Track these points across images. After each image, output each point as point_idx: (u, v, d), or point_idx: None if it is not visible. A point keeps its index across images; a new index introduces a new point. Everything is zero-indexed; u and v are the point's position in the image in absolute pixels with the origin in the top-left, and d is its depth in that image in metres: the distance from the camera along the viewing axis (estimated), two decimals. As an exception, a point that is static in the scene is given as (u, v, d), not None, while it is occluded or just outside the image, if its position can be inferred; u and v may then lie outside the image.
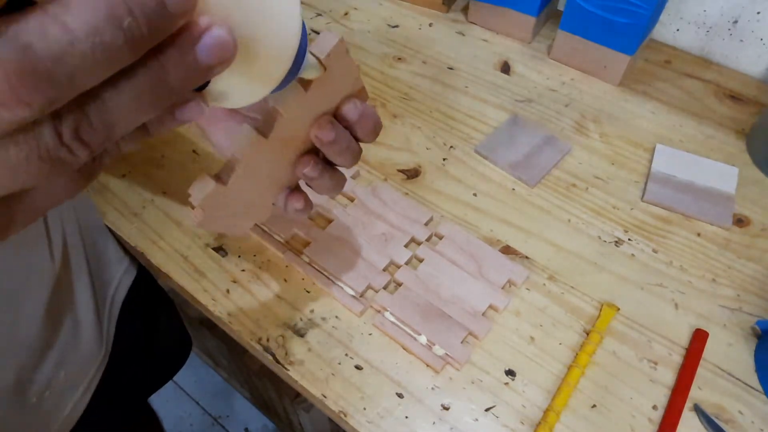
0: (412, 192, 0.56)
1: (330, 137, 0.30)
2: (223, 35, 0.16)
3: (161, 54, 0.16)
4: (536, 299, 0.48)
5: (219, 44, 0.16)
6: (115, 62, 0.15)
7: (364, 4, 0.77)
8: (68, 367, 0.46)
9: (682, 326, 0.47)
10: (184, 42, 0.16)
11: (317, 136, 0.30)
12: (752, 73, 0.68)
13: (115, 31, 0.14)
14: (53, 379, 0.44)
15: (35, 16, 0.13)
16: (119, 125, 0.16)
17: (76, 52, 0.13)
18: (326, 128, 0.29)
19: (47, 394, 0.43)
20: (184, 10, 0.15)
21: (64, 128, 0.15)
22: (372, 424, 0.41)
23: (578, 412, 0.42)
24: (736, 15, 0.65)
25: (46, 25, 0.13)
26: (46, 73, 0.13)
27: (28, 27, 0.13)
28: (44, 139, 0.15)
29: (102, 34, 0.14)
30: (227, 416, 1.27)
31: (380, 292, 0.47)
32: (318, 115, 0.30)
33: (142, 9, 0.14)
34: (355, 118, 0.30)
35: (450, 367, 0.44)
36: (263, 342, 0.45)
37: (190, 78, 0.17)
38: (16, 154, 0.15)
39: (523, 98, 0.65)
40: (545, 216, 0.54)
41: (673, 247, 0.52)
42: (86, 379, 0.48)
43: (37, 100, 0.14)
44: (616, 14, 0.61)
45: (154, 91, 0.16)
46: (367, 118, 0.31)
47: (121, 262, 0.56)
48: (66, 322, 0.45)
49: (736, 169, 0.57)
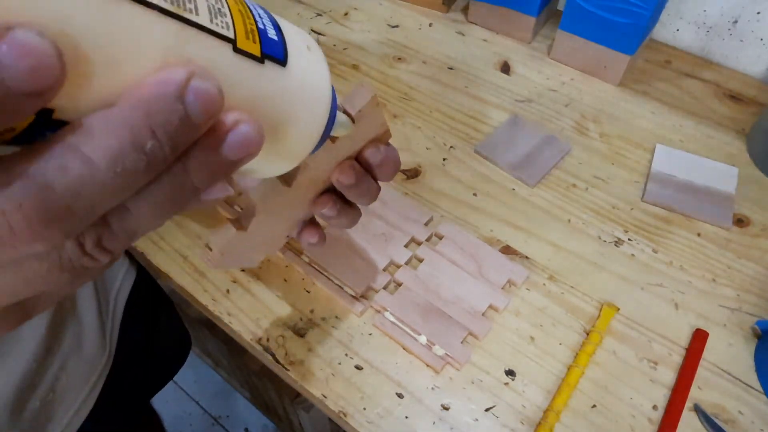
0: (412, 192, 0.56)
1: (351, 181, 0.29)
2: (250, 132, 0.15)
3: (185, 158, 0.15)
4: (536, 299, 0.48)
5: (246, 141, 0.15)
6: (135, 185, 0.14)
7: (364, 4, 0.77)
8: (71, 371, 0.46)
9: (682, 326, 0.47)
10: (209, 144, 0.15)
11: (339, 180, 0.29)
12: (752, 73, 0.68)
13: (137, 156, 0.13)
14: (56, 383, 0.44)
15: (56, 149, 0.13)
16: (141, 230, 0.16)
17: (96, 183, 0.13)
18: (348, 173, 0.29)
19: (50, 398, 0.44)
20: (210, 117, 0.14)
21: (87, 240, 0.15)
22: (372, 424, 0.41)
23: (578, 412, 0.42)
24: (736, 15, 0.65)
25: (67, 160, 0.13)
26: (65, 209, 0.13)
27: (47, 165, 0.12)
28: (66, 252, 0.15)
29: (124, 161, 0.13)
30: (227, 416, 1.27)
31: (380, 292, 0.47)
32: (341, 160, 0.29)
33: (165, 129, 0.13)
34: (377, 163, 0.30)
35: (450, 367, 0.44)
36: (263, 342, 0.45)
37: (214, 176, 0.16)
38: (37, 268, 0.15)
39: (523, 98, 0.65)
40: (545, 216, 0.54)
41: (673, 247, 0.52)
42: (90, 383, 0.48)
43: (56, 235, 0.13)
44: (616, 14, 0.61)
45: (177, 194, 0.16)
46: (388, 161, 0.30)
47: (121, 264, 0.56)
48: (70, 327, 0.46)
49: (736, 169, 0.57)
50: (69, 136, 0.13)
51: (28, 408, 0.42)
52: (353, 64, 0.68)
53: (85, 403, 0.48)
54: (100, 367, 0.50)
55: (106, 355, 0.51)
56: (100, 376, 0.50)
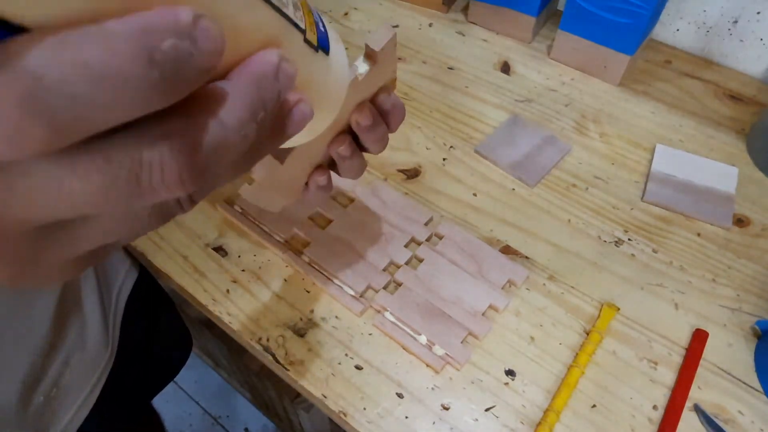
0: (412, 192, 0.56)
1: (369, 122, 0.32)
2: (306, 110, 0.19)
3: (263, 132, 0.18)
4: (536, 299, 0.48)
5: (303, 118, 0.19)
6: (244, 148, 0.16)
7: (364, 4, 0.77)
8: (75, 367, 0.46)
9: (682, 326, 0.47)
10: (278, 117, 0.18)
11: (358, 122, 0.32)
12: (752, 73, 0.68)
13: (253, 125, 0.16)
14: (60, 379, 0.44)
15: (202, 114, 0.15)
16: (219, 185, 0.19)
17: (229, 145, 0.15)
18: (366, 114, 0.32)
19: (54, 393, 0.44)
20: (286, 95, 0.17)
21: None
22: (372, 424, 0.41)
23: (578, 412, 0.42)
24: (736, 15, 0.65)
25: (211, 124, 0.15)
26: (205, 165, 0.15)
27: (197, 126, 0.15)
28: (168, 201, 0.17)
29: (247, 128, 0.16)
30: (227, 416, 1.27)
31: (380, 292, 0.47)
32: (360, 101, 0.32)
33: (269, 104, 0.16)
34: (388, 108, 0.33)
35: (450, 367, 0.44)
36: (263, 342, 0.45)
37: (276, 143, 0.19)
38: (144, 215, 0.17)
39: (523, 98, 0.65)
40: (545, 216, 0.54)
41: (673, 247, 0.52)
42: (92, 380, 0.49)
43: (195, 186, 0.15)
44: (616, 14, 0.61)
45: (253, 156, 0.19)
46: (397, 108, 0.33)
47: (123, 263, 0.56)
48: (73, 324, 0.46)
49: (736, 169, 0.57)
50: (212, 104, 0.15)
51: (33, 404, 0.42)
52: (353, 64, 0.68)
53: (86, 401, 0.48)
54: (102, 363, 0.50)
55: (109, 352, 0.51)
56: (103, 373, 0.50)
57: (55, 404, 0.44)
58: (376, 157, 0.58)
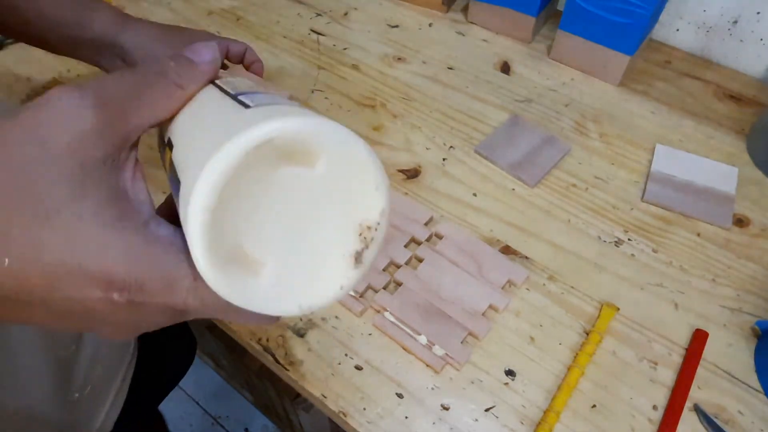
0: (412, 192, 0.56)
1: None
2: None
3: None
4: (536, 299, 0.48)
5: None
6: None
7: (364, 4, 0.77)
8: (103, 362, 0.46)
9: (682, 326, 0.47)
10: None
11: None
12: (752, 73, 0.68)
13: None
14: (91, 375, 0.45)
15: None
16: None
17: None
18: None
19: (88, 390, 0.44)
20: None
21: None
22: (372, 424, 0.41)
23: (578, 412, 0.42)
24: (736, 15, 0.65)
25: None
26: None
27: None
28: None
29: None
30: (227, 416, 1.27)
31: (380, 292, 0.47)
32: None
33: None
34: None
35: (450, 367, 0.44)
36: (263, 342, 0.45)
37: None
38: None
39: (523, 98, 0.65)
40: (545, 216, 0.54)
41: (673, 247, 0.52)
42: (119, 375, 0.49)
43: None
44: (616, 14, 0.61)
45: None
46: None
47: None
48: None
49: (736, 169, 0.57)
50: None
51: (69, 400, 0.42)
52: (353, 64, 0.68)
53: (117, 398, 0.49)
54: (128, 358, 0.51)
55: (132, 346, 0.52)
56: (128, 368, 0.51)
57: (90, 401, 0.45)
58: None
